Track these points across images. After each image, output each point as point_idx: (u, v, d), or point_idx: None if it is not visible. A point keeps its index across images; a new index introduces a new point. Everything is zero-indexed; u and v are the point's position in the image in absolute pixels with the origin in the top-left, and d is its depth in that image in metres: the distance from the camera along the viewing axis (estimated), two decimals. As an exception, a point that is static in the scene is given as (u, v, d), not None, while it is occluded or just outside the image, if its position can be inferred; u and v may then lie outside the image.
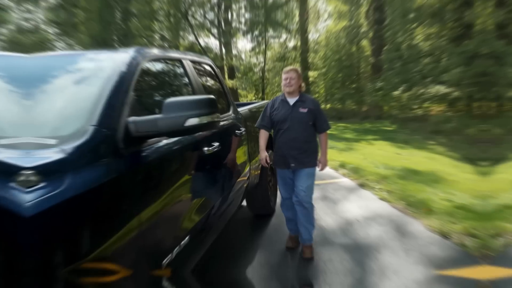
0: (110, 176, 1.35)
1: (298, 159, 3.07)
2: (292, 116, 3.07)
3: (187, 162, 2.10)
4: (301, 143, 3.06)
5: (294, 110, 3.09)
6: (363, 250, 3.22)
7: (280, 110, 3.14)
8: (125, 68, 1.76)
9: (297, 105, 3.10)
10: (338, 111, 21.94)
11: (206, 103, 1.66)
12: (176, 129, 1.59)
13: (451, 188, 4.96)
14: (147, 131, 1.58)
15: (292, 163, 3.09)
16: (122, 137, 1.51)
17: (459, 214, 3.86)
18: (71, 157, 1.24)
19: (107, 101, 1.53)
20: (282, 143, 3.13)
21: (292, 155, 3.08)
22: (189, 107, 1.61)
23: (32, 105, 1.65)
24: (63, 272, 1.09)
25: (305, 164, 3.08)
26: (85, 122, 1.43)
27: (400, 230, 3.62)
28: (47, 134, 1.43)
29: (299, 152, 3.06)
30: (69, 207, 1.14)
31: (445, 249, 3.15)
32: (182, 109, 1.59)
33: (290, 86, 3.06)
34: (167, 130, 1.59)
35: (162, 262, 1.67)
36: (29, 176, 1.10)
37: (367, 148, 9.49)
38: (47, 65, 2.00)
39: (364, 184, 5.43)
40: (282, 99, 3.17)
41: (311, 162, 3.11)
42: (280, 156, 3.16)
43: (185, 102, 1.63)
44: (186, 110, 1.60)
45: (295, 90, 3.09)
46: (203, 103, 1.65)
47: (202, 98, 1.67)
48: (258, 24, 23.97)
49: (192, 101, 1.65)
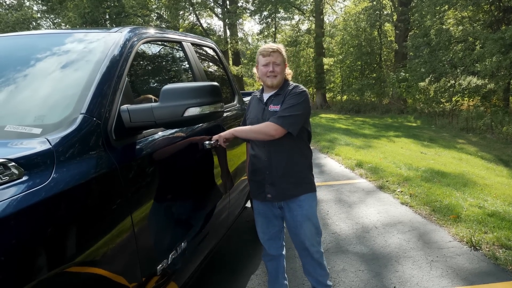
0: (100, 170, 1.35)
1: (278, 186, 2.29)
2: (263, 119, 2.27)
3: (187, 157, 2.10)
4: (277, 162, 2.27)
5: (266, 110, 2.29)
6: (381, 260, 3.21)
7: (251, 113, 2.42)
8: (118, 50, 1.76)
9: (269, 102, 2.31)
10: (355, 104, 21.85)
11: (209, 90, 1.64)
12: (174, 119, 1.58)
13: (483, 193, 4.93)
14: (142, 121, 1.58)
15: (268, 193, 2.33)
16: (114, 127, 1.51)
17: (491, 222, 3.83)
18: (57, 149, 1.24)
19: (98, 87, 1.53)
20: (253, 163, 2.39)
21: (270, 181, 2.31)
22: (189, 95, 1.59)
23: (13, 90, 1.66)
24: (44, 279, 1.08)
25: (288, 195, 2.30)
26: (72, 110, 1.43)
27: (424, 239, 3.61)
28: (31, 122, 1.44)
29: (278, 176, 2.28)
30: (53, 205, 1.14)
31: (474, 262, 3.14)
32: (181, 97, 1.58)
33: (274, 77, 2.26)
34: (164, 121, 1.58)
35: (157, 268, 1.67)
36: (9, 169, 1.10)
37: (387, 145, 9.44)
38: (30, 45, 2.01)
39: (383, 186, 5.41)
40: (257, 96, 2.42)
41: (301, 188, 2.31)
42: (254, 182, 2.41)
43: (185, 90, 1.61)
44: (186, 99, 1.58)
45: (279, 83, 2.30)
46: (205, 90, 1.63)
47: (205, 85, 1.65)
48: (268, 3, 23.85)
49: (193, 88, 1.63)
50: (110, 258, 1.34)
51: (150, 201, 1.63)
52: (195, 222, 2.13)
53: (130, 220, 1.45)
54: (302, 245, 2.36)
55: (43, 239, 1.10)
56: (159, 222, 1.73)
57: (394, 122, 16.35)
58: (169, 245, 1.81)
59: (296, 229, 2.33)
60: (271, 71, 2.24)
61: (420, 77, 16.60)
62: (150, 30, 2.15)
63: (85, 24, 19.63)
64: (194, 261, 2.13)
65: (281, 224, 2.49)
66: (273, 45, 2.28)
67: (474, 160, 8.06)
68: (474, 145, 10.60)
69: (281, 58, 2.27)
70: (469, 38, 14.91)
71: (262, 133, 2.16)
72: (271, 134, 2.15)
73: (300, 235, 2.33)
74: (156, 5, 24.92)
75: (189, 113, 1.58)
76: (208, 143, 2.24)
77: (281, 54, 2.27)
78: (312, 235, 2.34)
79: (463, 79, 16.01)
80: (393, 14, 21.76)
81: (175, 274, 1.85)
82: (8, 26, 19.05)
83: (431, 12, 16.08)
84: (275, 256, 2.53)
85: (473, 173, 6.27)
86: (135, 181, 1.55)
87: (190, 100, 1.58)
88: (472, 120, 13.54)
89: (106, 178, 1.37)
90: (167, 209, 1.82)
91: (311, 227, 2.33)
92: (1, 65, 1.86)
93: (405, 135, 11.70)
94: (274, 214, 2.42)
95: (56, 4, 21.48)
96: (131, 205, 1.48)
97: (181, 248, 1.89)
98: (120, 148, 1.52)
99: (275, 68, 2.24)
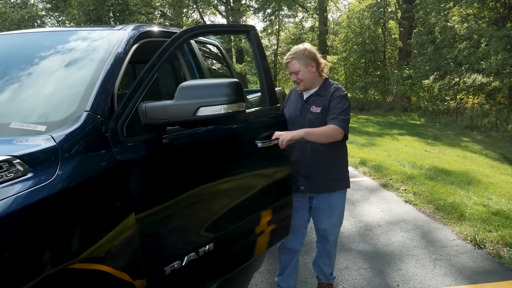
0: (104, 167, 1.35)
1: (314, 181, 2.39)
2: (302, 117, 2.36)
3: (215, 159, 1.93)
4: (314, 157, 2.35)
5: (305, 109, 2.36)
6: (384, 258, 3.20)
7: (289, 108, 2.49)
8: (122, 48, 1.76)
9: (310, 101, 2.36)
10: (359, 101, 21.76)
11: (226, 88, 1.52)
12: (186, 119, 1.51)
13: (487, 192, 4.91)
14: (157, 119, 1.53)
15: (303, 185, 2.42)
16: (127, 124, 1.49)
17: (495, 220, 3.82)
18: (61, 146, 1.24)
19: (102, 84, 1.53)
20: (292, 155, 2.42)
21: (303, 174, 2.40)
22: (204, 93, 1.50)
23: (18, 87, 1.67)
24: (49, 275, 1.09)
25: (323, 189, 2.41)
26: (77, 108, 1.44)
27: (427, 237, 3.60)
28: (35, 120, 1.44)
29: (316, 171, 2.37)
30: (57, 202, 1.15)
31: (478, 260, 3.13)
32: (196, 95, 1.50)
33: (299, 83, 2.35)
34: (177, 120, 1.52)
35: (165, 268, 1.63)
36: (14, 166, 1.10)
37: (391, 143, 9.42)
38: (35, 43, 2.01)
39: (387, 185, 5.40)
40: (298, 92, 2.46)
41: (336, 185, 2.42)
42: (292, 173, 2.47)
43: (200, 87, 1.54)
44: (200, 97, 1.50)
45: (310, 85, 2.35)
46: (222, 88, 1.52)
47: (221, 83, 1.54)
48: (271, 1, 23.79)
49: (207, 85, 1.54)
50: (114, 254, 1.35)
51: (158, 199, 1.58)
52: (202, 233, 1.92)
53: (134, 217, 1.44)
54: (323, 232, 2.53)
55: (47, 236, 1.11)
56: (168, 222, 1.66)
57: (398, 120, 16.29)
58: (182, 247, 1.73)
59: (322, 217, 2.47)
60: (295, 80, 2.34)
61: (424, 75, 16.51)
62: (154, 28, 2.15)
63: (89, 22, 19.66)
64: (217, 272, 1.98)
65: (307, 216, 2.54)
66: (289, 55, 2.33)
67: (478, 158, 8.02)
68: (479, 143, 10.55)
69: (298, 64, 2.29)
70: (474, 36, 14.82)
71: (330, 137, 2.19)
72: (337, 138, 2.19)
73: (324, 223, 2.49)
74: (160, 2, 24.91)
75: (201, 112, 1.49)
76: (261, 143, 2.07)
77: (297, 60, 2.29)
78: (335, 225, 2.52)
79: (467, 76, 15.91)
80: (398, 12, 21.64)
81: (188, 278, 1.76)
82: (13, 24, 19.13)
83: (435, 9, 15.97)
84: (291, 249, 2.58)
85: (477, 171, 6.24)
86: (143, 178, 1.53)
87: (204, 98, 1.49)
88: (477, 118, 13.46)
89: (110, 175, 1.37)
90: (176, 211, 1.70)
91: (336, 218, 2.49)
92: (6, 63, 1.87)
93: (409, 133, 11.66)
94: (303, 203, 2.50)
95: (60, 2, 21.52)
96: (136, 202, 1.46)
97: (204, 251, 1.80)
98: (132, 145, 1.50)
99: (297, 76, 2.31)
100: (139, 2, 21.21)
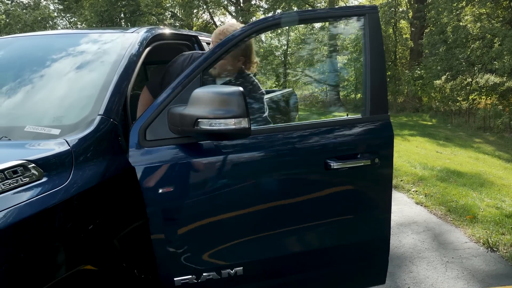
0: (117, 171, 1.37)
1: None
2: None
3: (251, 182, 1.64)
4: None
5: None
6: (394, 260, 3.18)
7: None
8: (135, 50, 1.77)
9: None
10: (370, 102, 21.61)
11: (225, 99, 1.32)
12: (188, 129, 1.37)
13: (500, 194, 4.83)
14: (175, 126, 1.42)
15: None
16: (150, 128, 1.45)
17: (508, 223, 3.76)
18: (75, 150, 1.26)
19: (115, 88, 1.54)
20: None
21: None
22: (207, 103, 1.33)
23: (32, 90, 1.69)
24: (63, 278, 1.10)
25: None
26: (90, 111, 1.45)
27: (439, 240, 3.56)
28: (49, 123, 1.46)
29: None
30: (71, 206, 1.16)
31: (491, 263, 3.08)
32: (202, 105, 1.34)
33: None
34: (184, 129, 1.39)
35: (174, 278, 1.55)
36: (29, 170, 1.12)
37: (402, 144, 9.34)
38: (49, 46, 2.04)
39: (398, 186, 5.35)
40: None
41: None
42: None
43: (205, 95, 1.35)
44: (203, 107, 1.33)
45: None
46: (221, 98, 1.32)
47: (222, 92, 1.34)
48: (281, 1, 23.75)
49: (209, 94, 1.35)
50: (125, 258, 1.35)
51: (175, 207, 1.50)
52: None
53: (147, 222, 1.43)
54: None
55: (62, 240, 1.12)
56: (187, 234, 1.54)
57: (409, 120, 16.12)
58: (201, 262, 1.59)
59: None
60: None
61: (436, 75, 16.32)
62: (166, 30, 2.16)
63: (101, 23, 19.84)
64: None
65: None
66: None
67: (491, 160, 7.90)
68: (492, 144, 10.40)
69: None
70: (487, 35, 14.60)
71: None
72: None
73: None
74: (170, 3, 25.04)
75: (200, 125, 1.33)
76: (336, 164, 1.65)
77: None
78: None
79: (480, 77, 15.69)
80: (409, 11, 21.43)
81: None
82: (27, 25, 19.39)
83: (448, 9, 15.77)
84: None
85: (490, 173, 6.15)
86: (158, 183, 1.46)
87: (204, 108, 1.32)
88: (490, 119, 13.26)
89: (123, 179, 1.39)
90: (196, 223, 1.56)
91: None
92: (20, 66, 1.90)
93: (420, 134, 11.53)
94: None
95: (72, 3, 21.76)
96: (150, 208, 1.42)
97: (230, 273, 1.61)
98: (151, 149, 1.44)
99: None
100: (150, 3, 21.35)
